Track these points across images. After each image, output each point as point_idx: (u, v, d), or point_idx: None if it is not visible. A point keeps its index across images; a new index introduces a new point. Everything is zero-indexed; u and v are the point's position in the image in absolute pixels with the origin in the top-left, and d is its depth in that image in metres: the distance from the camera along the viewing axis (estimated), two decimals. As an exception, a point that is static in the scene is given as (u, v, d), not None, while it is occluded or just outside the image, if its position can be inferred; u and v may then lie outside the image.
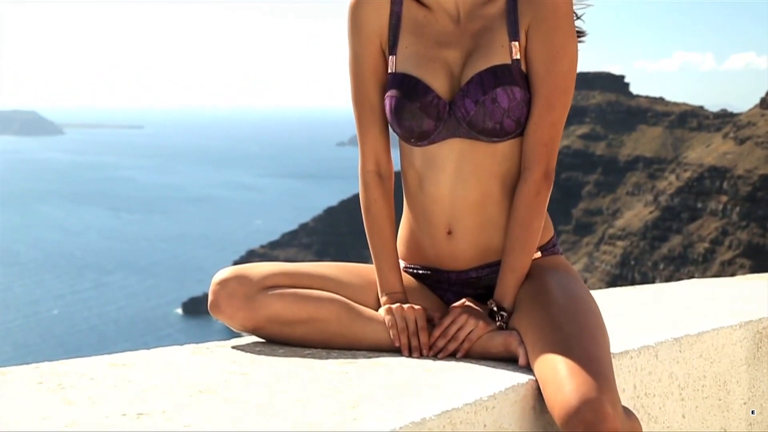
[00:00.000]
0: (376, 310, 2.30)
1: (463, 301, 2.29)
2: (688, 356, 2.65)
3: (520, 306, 2.22)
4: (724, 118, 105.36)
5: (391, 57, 2.34)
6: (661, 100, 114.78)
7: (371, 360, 2.16)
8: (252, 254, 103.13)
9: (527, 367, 2.11)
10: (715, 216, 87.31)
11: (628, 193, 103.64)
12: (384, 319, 2.25)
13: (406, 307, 2.25)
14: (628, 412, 2.06)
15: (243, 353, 2.21)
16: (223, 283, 2.23)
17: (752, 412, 2.89)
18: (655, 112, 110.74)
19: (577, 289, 2.22)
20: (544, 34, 2.25)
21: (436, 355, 2.21)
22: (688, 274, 77.70)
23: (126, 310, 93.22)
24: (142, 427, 1.66)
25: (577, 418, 1.86)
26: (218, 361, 2.13)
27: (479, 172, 2.28)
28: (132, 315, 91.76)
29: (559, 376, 1.93)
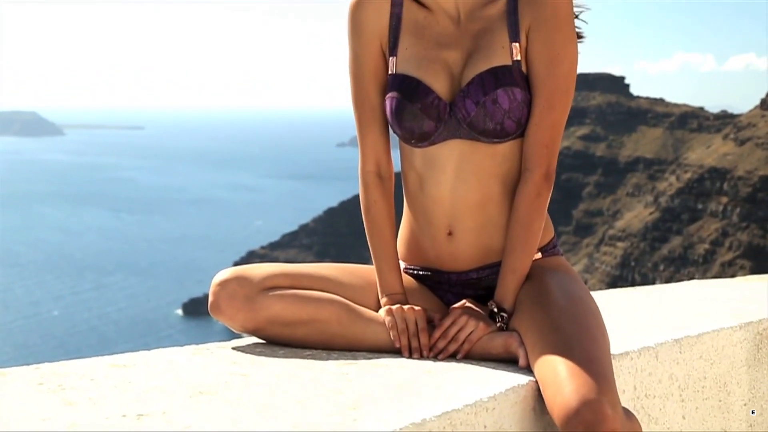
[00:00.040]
0: (377, 311, 2.30)
1: (464, 302, 2.29)
2: (689, 357, 2.65)
3: (521, 307, 2.22)
4: (725, 119, 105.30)
5: (392, 58, 2.34)
6: (662, 101, 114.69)
7: (371, 361, 2.16)
8: (252, 255, 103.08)
9: (527, 368, 2.11)
10: (715, 217, 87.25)
11: (628, 194, 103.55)
12: (384, 320, 2.26)
13: (407, 308, 2.25)
14: (628, 414, 2.06)
15: (243, 354, 2.21)
16: (223, 284, 2.23)
17: (752, 412, 2.89)
18: (656, 113, 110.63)
19: (578, 290, 2.22)
20: (544, 36, 2.25)
21: (436, 357, 2.21)
22: (689, 276, 77.65)
23: (126, 311, 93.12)
24: (143, 428, 1.66)
25: (577, 419, 1.86)
26: (218, 362, 2.13)
27: (480, 173, 2.29)
28: (132, 316, 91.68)
29: (559, 377, 1.93)
